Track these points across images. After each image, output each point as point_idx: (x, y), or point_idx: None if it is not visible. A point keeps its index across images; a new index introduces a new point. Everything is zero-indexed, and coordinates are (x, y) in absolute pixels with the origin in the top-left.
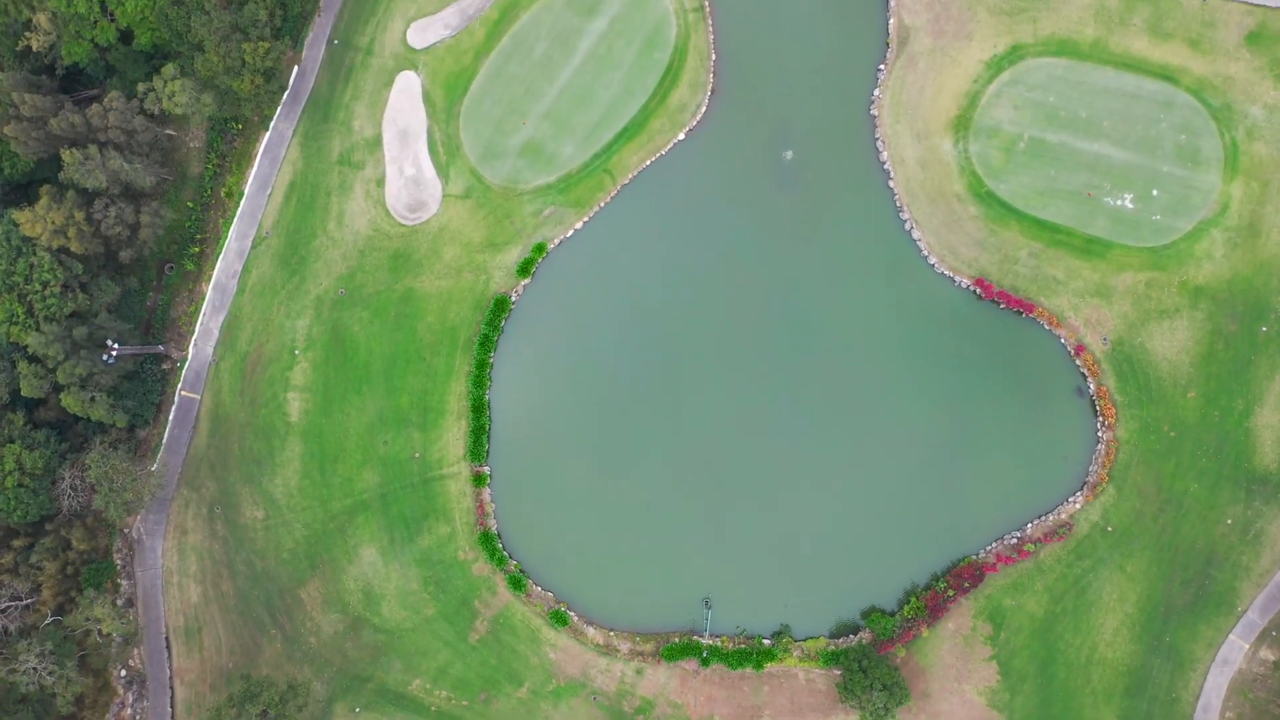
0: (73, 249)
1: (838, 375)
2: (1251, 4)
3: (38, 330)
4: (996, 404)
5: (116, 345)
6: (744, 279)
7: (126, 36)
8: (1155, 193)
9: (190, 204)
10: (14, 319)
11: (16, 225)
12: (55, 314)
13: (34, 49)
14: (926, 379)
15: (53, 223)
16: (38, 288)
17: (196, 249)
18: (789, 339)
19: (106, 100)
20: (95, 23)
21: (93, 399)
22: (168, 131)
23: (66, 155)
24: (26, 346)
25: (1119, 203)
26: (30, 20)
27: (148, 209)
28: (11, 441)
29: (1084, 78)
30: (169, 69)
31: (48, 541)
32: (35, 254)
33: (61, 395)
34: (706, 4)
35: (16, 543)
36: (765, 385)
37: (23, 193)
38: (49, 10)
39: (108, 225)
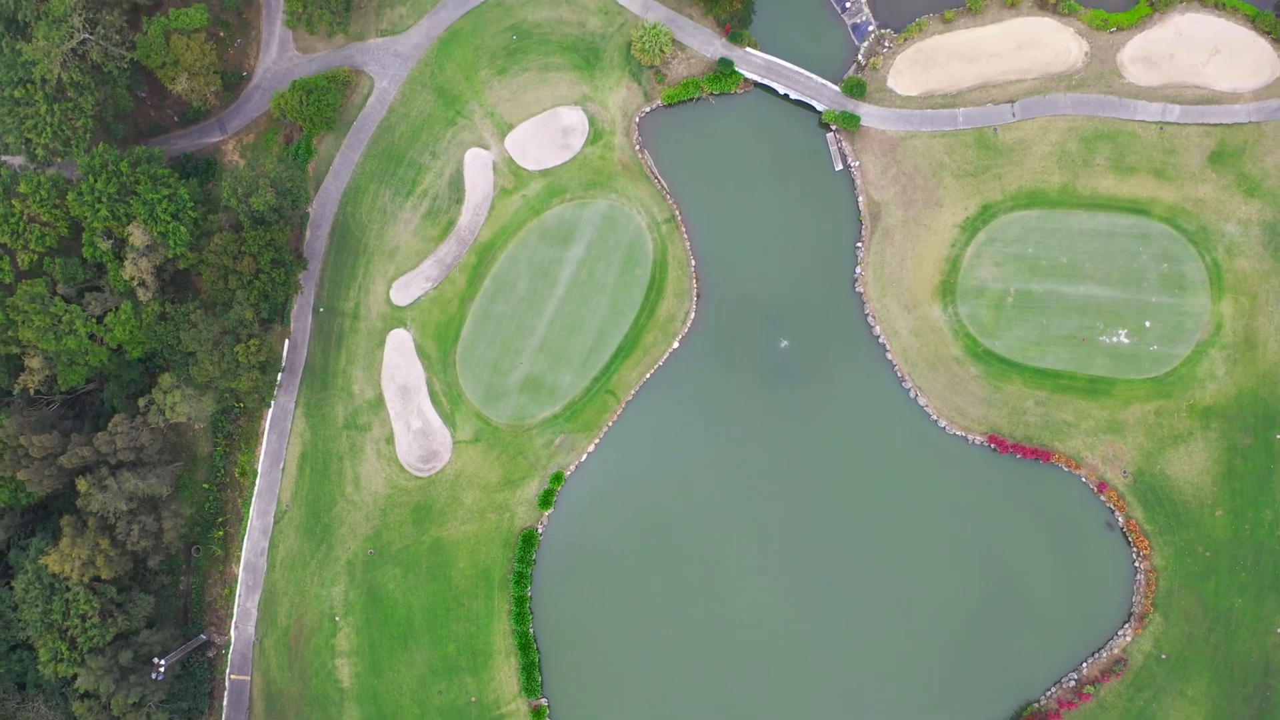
0: (103, 575)
1: (871, 549)
2: (1208, 125)
3: (83, 664)
4: (1031, 550)
5: (163, 661)
6: (762, 471)
7: (118, 348)
8: (1148, 324)
9: (206, 485)
10: (59, 656)
11: (45, 567)
12: (98, 644)
13: (30, 390)
14: (958, 538)
15: (80, 557)
16: (77, 622)
17: (220, 532)
18: (816, 521)
19: (111, 425)
20: (86, 351)
21: (149, 717)
22: (173, 421)
23: (82, 485)
24: (75, 680)
25: (1115, 339)
26: (19, 357)
27: (168, 512)
28: None
29: (1058, 224)
30: (166, 379)
31: None
32: (68, 589)
33: None
34: (677, 213)
35: None
36: (802, 570)
37: (42, 512)
38: (39, 351)
39: (133, 542)
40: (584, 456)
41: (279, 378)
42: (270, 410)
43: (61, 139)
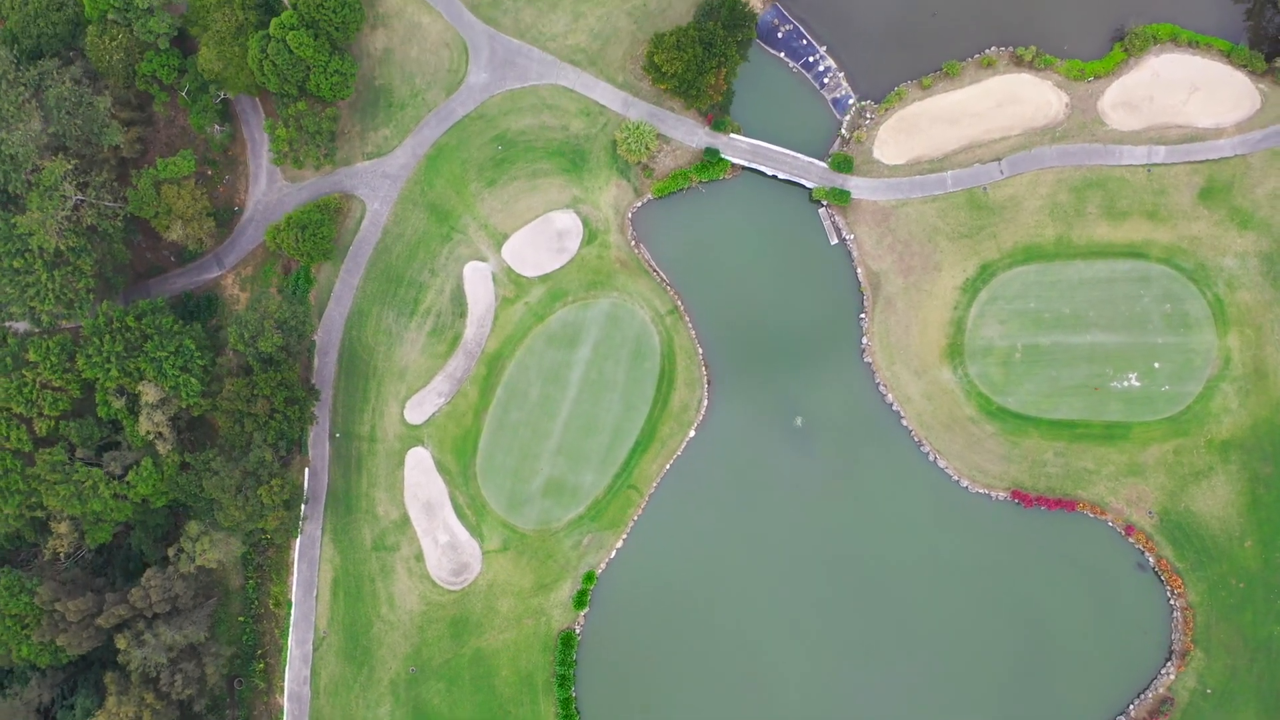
0: None
1: (908, 614)
2: (1195, 162)
3: None
4: (1066, 599)
5: None
6: (792, 548)
7: (143, 500)
8: (1157, 365)
9: (241, 618)
10: None
11: None
12: None
13: (61, 555)
14: (993, 594)
15: (127, 715)
16: None
17: (260, 664)
18: (851, 593)
19: (144, 580)
20: (112, 509)
21: None
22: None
23: (121, 642)
24: None
25: (1126, 384)
26: (44, 520)
27: (208, 655)
28: None
29: (1058, 276)
30: (193, 528)
31: None
32: None
33: None
34: (679, 303)
35: None
36: (843, 643)
37: (82, 664)
38: (65, 517)
39: (177, 691)
40: (613, 553)
41: (303, 509)
42: (298, 541)
43: (64, 302)
